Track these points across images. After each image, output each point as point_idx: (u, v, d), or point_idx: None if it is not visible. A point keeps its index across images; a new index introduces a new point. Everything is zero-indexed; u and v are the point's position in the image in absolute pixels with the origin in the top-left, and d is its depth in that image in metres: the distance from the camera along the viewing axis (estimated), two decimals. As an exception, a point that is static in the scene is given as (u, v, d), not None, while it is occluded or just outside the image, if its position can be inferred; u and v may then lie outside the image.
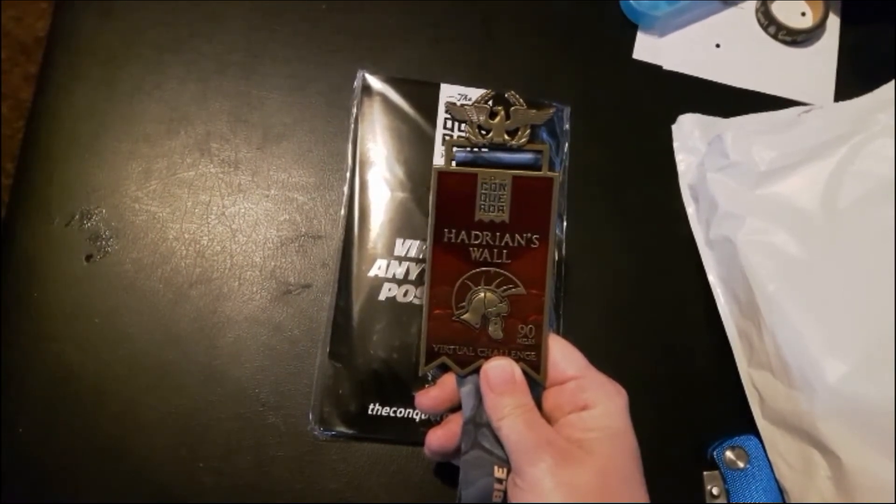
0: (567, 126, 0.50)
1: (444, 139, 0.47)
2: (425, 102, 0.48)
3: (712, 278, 0.47)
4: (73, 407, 0.43)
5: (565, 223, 0.48)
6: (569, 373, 0.36)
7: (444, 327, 0.37)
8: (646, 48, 0.53)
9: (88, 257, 0.45)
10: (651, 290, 0.48)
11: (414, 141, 0.47)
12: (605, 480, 0.32)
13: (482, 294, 0.36)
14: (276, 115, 0.49)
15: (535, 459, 0.32)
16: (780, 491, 0.42)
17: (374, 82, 0.48)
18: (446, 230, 0.36)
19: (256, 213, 0.47)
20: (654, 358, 0.46)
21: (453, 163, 0.36)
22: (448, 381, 0.38)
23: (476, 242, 0.36)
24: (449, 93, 0.48)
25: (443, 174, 0.36)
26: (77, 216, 0.46)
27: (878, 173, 0.42)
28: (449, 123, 0.48)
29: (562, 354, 0.36)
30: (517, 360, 0.36)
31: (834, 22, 0.54)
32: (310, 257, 0.46)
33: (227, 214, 0.47)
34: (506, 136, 0.36)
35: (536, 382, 0.36)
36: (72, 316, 0.44)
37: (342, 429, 0.43)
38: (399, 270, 0.45)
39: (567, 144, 0.49)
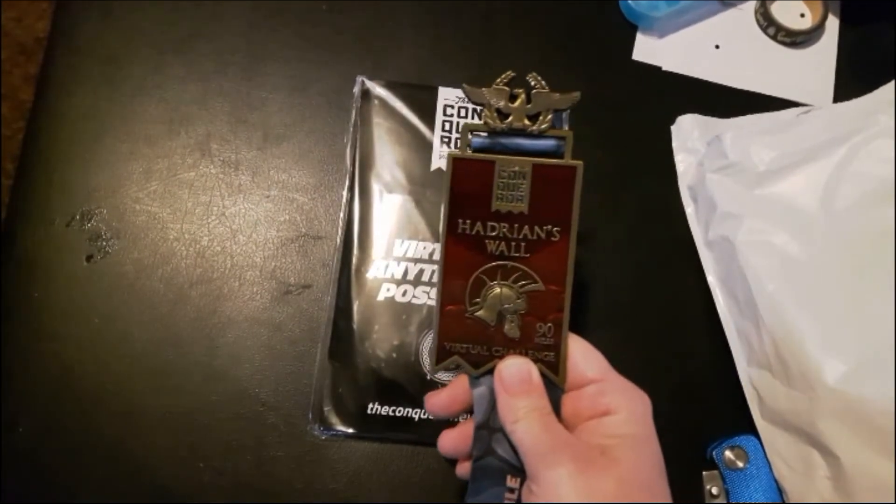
0: (566, 126, 0.50)
1: (441, 141, 0.47)
2: (424, 106, 0.48)
3: (711, 278, 0.47)
4: (73, 407, 0.43)
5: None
6: (589, 375, 0.34)
7: (457, 324, 0.34)
8: (645, 49, 0.53)
9: (89, 257, 0.45)
10: (650, 291, 0.48)
11: (412, 144, 0.47)
12: (627, 489, 0.30)
13: (498, 290, 0.34)
14: (276, 116, 0.49)
15: (552, 463, 0.30)
16: (780, 491, 0.42)
17: (373, 87, 0.48)
18: (460, 220, 0.33)
19: (257, 213, 0.47)
20: (653, 358, 0.46)
21: (469, 149, 0.34)
22: (460, 382, 0.36)
23: (492, 234, 0.33)
24: (447, 96, 0.48)
25: (458, 161, 0.33)
26: (77, 216, 0.46)
27: (878, 174, 0.42)
28: (447, 126, 0.48)
29: (582, 356, 0.34)
30: (535, 360, 0.34)
31: (833, 23, 0.54)
32: (310, 258, 0.46)
33: (228, 215, 0.47)
34: (526, 121, 0.33)
35: (554, 385, 0.34)
36: (72, 316, 0.44)
37: (342, 428, 0.43)
38: (398, 270, 0.45)
39: (567, 145, 0.49)
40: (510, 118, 0.34)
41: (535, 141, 0.34)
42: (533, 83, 0.34)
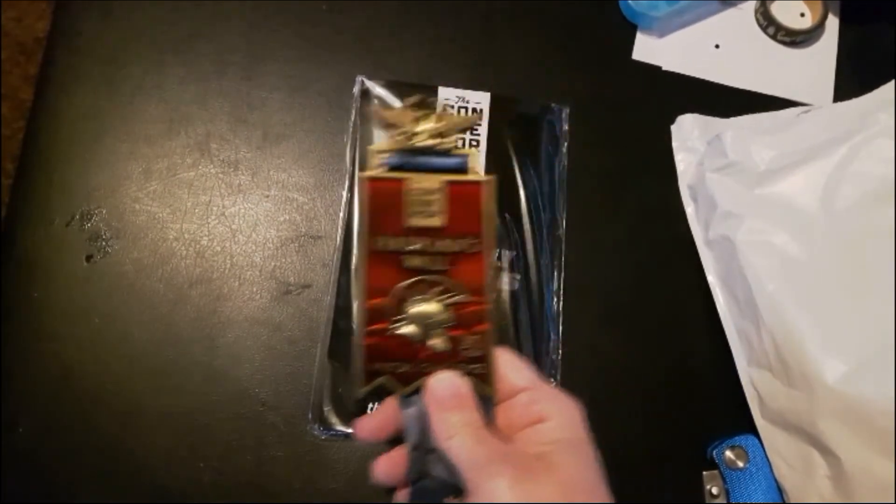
0: (566, 126, 0.50)
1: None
2: (423, 105, 0.48)
3: (711, 278, 0.47)
4: (73, 407, 0.43)
5: (565, 223, 0.48)
6: (519, 385, 0.33)
7: (382, 343, 0.33)
8: (645, 49, 0.53)
9: (88, 257, 0.45)
10: (650, 290, 0.48)
11: (413, 141, 0.47)
12: (569, 492, 0.30)
13: (422, 305, 0.33)
14: (276, 116, 0.49)
15: (491, 474, 0.30)
16: (780, 490, 0.42)
17: (373, 87, 0.48)
18: (378, 238, 0.33)
19: (256, 213, 0.47)
20: (653, 358, 0.46)
21: (382, 168, 0.34)
22: (390, 403, 0.34)
23: (411, 249, 0.33)
24: (446, 95, 0.48)
25: (371, 181, 0.34)
26: (77, 216, 0.46)
27: (878, 174, 0.42)
28: (448, 124, 0.48)
29: (510, 366, 0.34)
30: (464, 373, 0.33)
31: (833, 22, 0.54)
32: (310, 257, 0.46)
33: (227, 214, 0.47)
34: (433, 141, 0.34)
35: (486, 398, 0.33)
36: (72, 316, 0.44)
37: (342, 428, 0.43)
38: (399, 270, 0.45)
39: (566, 145, 0.49)
40: (418, 138, 0.34)
41: (444, 159, 0.34)
42: (438, 104, 0.35)
